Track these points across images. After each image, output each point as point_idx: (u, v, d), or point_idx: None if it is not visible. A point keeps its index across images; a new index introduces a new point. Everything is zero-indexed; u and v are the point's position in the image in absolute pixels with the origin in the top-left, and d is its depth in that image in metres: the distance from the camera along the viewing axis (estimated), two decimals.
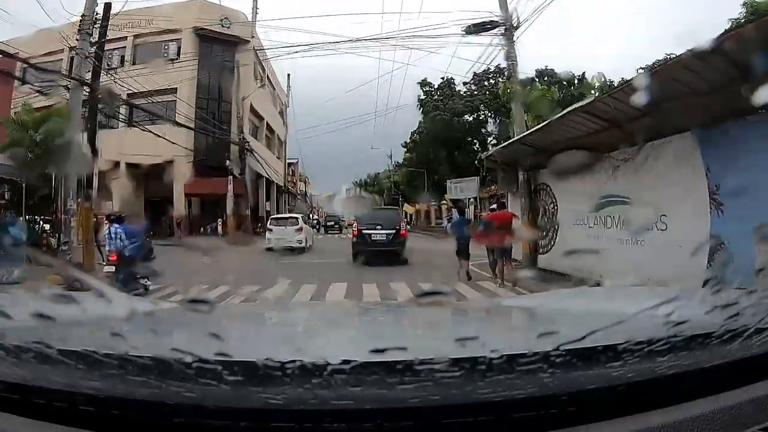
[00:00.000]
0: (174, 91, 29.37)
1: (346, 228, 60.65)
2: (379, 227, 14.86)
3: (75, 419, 0.82)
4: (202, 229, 31.48)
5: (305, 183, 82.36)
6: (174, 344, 1.18)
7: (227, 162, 27.54)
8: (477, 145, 40.84)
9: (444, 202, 36.31)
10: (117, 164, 26.29)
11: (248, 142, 29.24)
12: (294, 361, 0.81)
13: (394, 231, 15.01)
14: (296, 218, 21.33)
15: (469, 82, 36.10)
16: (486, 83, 35.61)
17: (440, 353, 0.86)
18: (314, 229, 30.81)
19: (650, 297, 1.40)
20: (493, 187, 29.31)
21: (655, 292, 1.78)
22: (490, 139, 40.19)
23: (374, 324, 1.92)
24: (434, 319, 1.72)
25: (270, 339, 1.53)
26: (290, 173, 73.89)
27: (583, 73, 38.52)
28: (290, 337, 1.54)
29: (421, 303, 1.25)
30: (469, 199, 34.68)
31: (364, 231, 14.96)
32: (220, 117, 31.60)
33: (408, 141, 44.07)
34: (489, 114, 36.69)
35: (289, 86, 51.58)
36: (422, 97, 40.01)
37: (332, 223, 41.22)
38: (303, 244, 19.22)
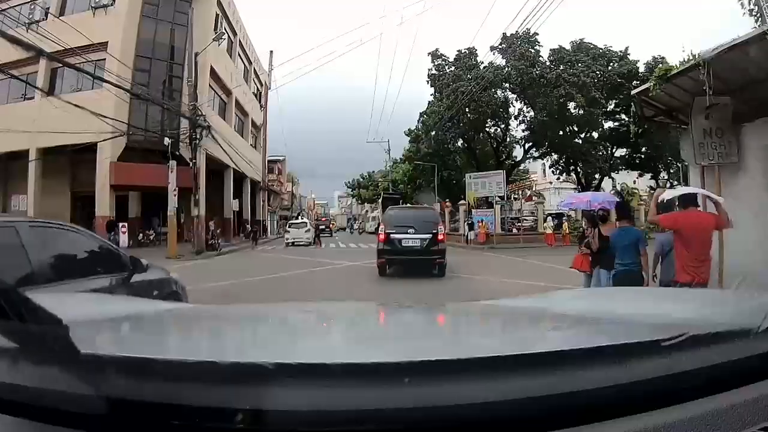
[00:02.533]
0: (104, 46, 21.20)
1: (336, 232, 52.66)
2: (411, 231, 11.83)
3: (74, 420, 0.81)
4: (141, 235, 23.28)
5: (293, 182, 75.09)
6: (174, 344, 1.37)
7: (165, 141, 19.46)
8: (500, 129, 33.09)
9: (463, 201, 28.36)
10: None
11: (203, 116, 21.18)
12: (294, 362, 0.83)
13: (430, 235, 11.82)
14: (306, 222, 31.90)
15: (497, 47, 28.23)
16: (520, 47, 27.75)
17: (440, 354, 0.89)
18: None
19: (650, 297, 1.86)
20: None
21: (654, 293, 2.41)
22: (515, 123, 32.42)
23: (374, 325, 1.80)
24: (434, 320, 1.87)
25: (270, 340, 1.47)
26: (276, 171, 67.06)
27: (626, 48, 31.04)
28: (290, 338, 1.50)
29: (421, 304, 1.86)
30: (496, 199, 26.75)
31: (393, 235, 11.92)
32: (171, 84, 23.49)
33: (413, 128, 36.19)
34: (521, 88, 28.78)
35: (271, 65, 43.70)
36: (433, 71, 32.25)
37: (323, 227, 42.57)
38: (310, 240, 27.58)
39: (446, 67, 31.41)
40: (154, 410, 0.78)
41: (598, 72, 29.29)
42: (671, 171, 39.99)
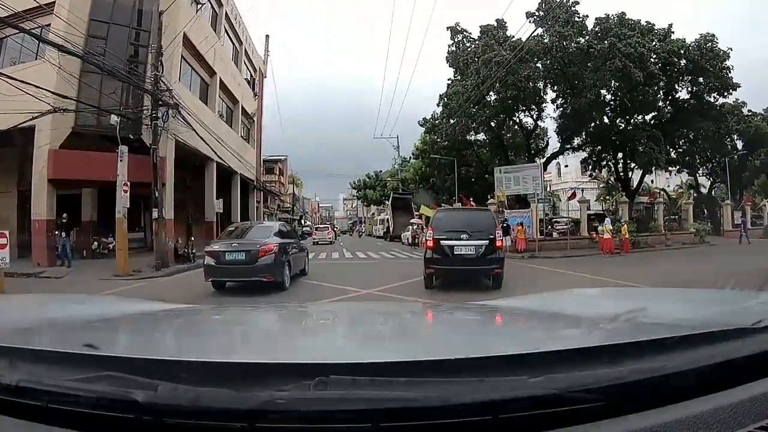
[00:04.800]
0: (50, 7, 16.57)
1: (339, 235, 49.39)
2: (464, 236, 10.21)
3: (73, 420, 0.81)
4: (97, 243, 18.53)
5: (294, 184, 70.60)
6: (169, 345, 1.39)
7: (112, 119, 14.79)
8: (532, 117, 28.14)
9: (492, 200, 23.51)
10: None
11: (169, 90, 16.47)
12: (292, 362, 0.85)
13: (486, 241, 10.21)
14: (328, 226, 42.51)
15: (534, 14, 23.28)
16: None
17: (440, 354, 0.92)
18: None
19: (647, 298, 1.87)
20: None
21: (652, 293, 2.36)
22: (549, 110, 27.50)
23: (375, 325, 1.84)
24: (434, 320, 1.93)
25: (267, 340, 1.49)
26: (277, 172, 62.70)
27: (670, 25, 26.02)
28: (288, 338, 1.52)
29: (421, 304, 2.43)
30: (538, 196, 21.83)
31: (443, 242, 10.30)
32: (137, 56, 18.72)
33: (428, 118, 31.38)
34: (563, 63, 23.84)
35: (267, 50, 39.07)
36: (452, 48, 27.43)
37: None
38: (332, 239, 34.93)
39: (468, 43, 26.59)
40: (153, 410, 0.77)
41: (651, 47, 24.36)
42: (709, 166, 35.37)
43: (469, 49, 26.42)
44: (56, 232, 15.95)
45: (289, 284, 10.61)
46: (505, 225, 21.40)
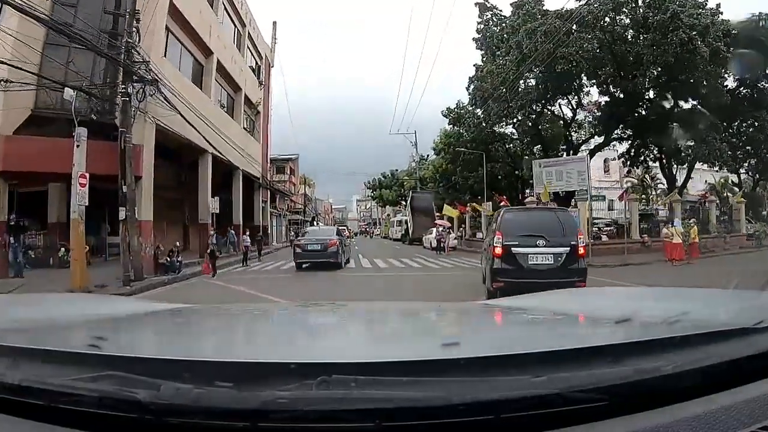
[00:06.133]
0: None
1: (353, 237, 47.38)
2: (541, 242, 8.56)
3: (75, 420, 0.81)
4: (64, 249, 15.56)
5: (306, 183, 67.73)
6: (174, 344, 1.35)
7: (67, 94, 11.86)
8: (571, 105, 24.71)
9: (531, 197, 20.22)
10: None
11: (147, 62, 13.47)
12: (294, 362, 0.84)
13: (568, 248, 8.55)
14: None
15: None
16: None
17: (440, 353, 0.91)
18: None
19: (649, 297, 1.83)
20: None
21: (653, 292, 2.25)
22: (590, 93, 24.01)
23: (375, 325, 1.85)
24: (435, 319, 1.88)
25: (270, 339, 1.50)
26: (288, 171, 60.16)
27: (718, 4, 22.30)
28: (291, 337, 1.51)
29: (421, 304, 1.72)
30: (589, 192, 18.42)
31: (516, 249, 8.58)
32: (116, 26, 15.76)
33: (454, 107, 28.03)
34: (611, 39, 20.34)
35: (274, 38, 36.19)
36: (481, 26, 24.16)
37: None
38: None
39: (499, 20, 23.32)
40: (154, 410, 0.77)
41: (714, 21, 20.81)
42: (751, 162, 31.48)
43: (504, 23, 23.13)
44: (6, 237, 13.01)
45: (344, 264, 17.10)
46: None
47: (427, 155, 50.55)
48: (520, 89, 20.97)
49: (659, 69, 19.95)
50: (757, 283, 9.01)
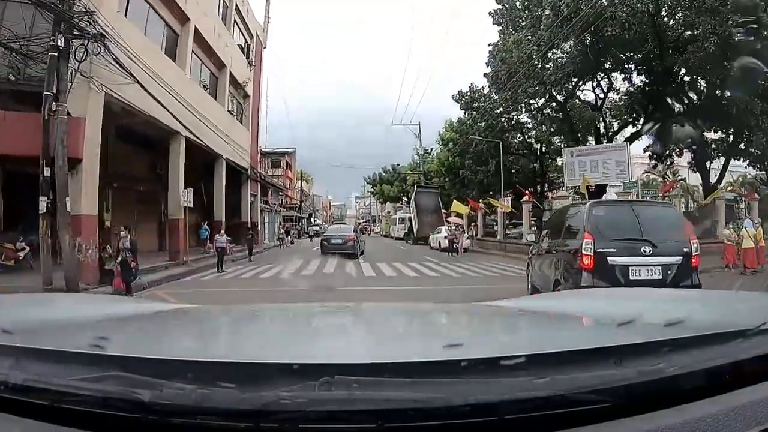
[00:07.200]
0: None
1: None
2: (646, 249, 6.38)
3: (78, 419, 0.81)
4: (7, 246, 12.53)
5: (302, 179, 64.63)
6: (177, 345, 1.34)
7: None
8: (601, 92, 21.62)
9: (562, 192, 17.18)
10: None
11: (90, 12, 10.39)
12: (297, 363, 0.83)
13: (679, 258, 6.44)
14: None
15: None
16: None
17: (445, 354, 0.90)
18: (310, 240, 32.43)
19: (652, 299, 1.75)
20: None
21: (659, 294, 2.20)
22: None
23: (378, 326, 1.80)
24: (435, 320, 1.88)
25: (272, 340, 1.46)
26: (284, 165, 57.25)
27: None
28: (293, 338, 1.50)
29: (422, 304, 1.68)
30: (636, 186, 15.38)
31: (613, 259, 6.36)
32: None
33: (467, 91, 24.91)
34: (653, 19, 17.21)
35: (267, 16, 32.98)
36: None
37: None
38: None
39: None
40: (154, 410, 0.77)
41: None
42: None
43: None
44: None
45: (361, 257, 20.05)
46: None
47: (431, 149, 47.65)
48: (552, 62, 17.84)
49: (715, 43, 16.75)
50: None
